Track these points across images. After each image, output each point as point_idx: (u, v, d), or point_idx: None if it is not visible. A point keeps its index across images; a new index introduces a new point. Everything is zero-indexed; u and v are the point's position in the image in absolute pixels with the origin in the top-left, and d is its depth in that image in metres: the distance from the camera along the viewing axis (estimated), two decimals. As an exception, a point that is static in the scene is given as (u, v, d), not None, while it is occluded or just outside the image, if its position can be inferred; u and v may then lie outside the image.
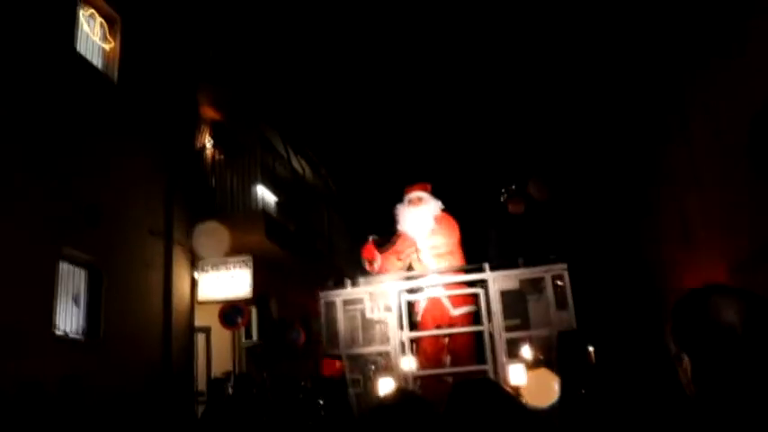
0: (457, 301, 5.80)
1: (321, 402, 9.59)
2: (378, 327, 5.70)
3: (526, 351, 5.34)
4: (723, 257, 13.33)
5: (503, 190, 6.80)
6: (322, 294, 5.60)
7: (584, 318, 5.49)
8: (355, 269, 16.16)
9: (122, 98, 10.21)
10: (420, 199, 6.23)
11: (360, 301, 5.49)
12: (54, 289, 8.62)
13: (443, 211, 6.29)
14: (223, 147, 12.61)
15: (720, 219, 13.77)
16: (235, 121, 13.07)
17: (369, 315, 5.44)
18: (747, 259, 11.94)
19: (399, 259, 6.21)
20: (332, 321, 5.41)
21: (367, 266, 6.22)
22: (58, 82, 8.84)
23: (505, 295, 5.25)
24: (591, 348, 10.15)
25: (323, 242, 14.50)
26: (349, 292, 5.53)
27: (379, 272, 6.12)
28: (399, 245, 6.22)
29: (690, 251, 16.29)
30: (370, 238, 6.38)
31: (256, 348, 11.33)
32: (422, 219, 6.14)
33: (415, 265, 6.24)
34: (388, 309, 5.47)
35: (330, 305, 5.47)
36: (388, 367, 5.42)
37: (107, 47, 10.34)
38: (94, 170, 9.39)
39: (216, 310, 10.62)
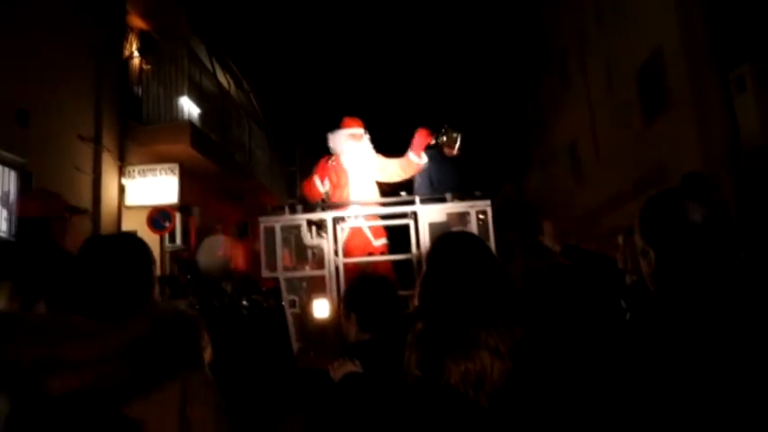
0: (378, 233, 5.99)
1: (245, 304, 9.78)
2: (309, 251, 5.89)
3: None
4: (608, 188, 14.39)
5: (442, 130, 6.80)
6: (262, 219, 5.59)
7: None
8: (273, 182, 16.24)
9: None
10: (361, 135, 6.26)
11: (296, 227, 5.61)
12: (-16, 189, 8.29)
13: (377, 152, 6.36)
14: (150, 57, 12.10)
15: (609, 157, 14.77)
16: (162, 31, 12.50)
17: (306, 241, 5.59)
18: (629, 189, 12.97)
19: (323, 185, 6.28)
20: (270, 246, 5.50)
21: (316, 184, 6.20)
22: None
23: (432, 226, 5.32)
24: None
25: (244, 155, 14.37)
26: (287, 218, 5.60)
27: (315, 195, 6.18)
28: (332, 172, 6.27)
29: (580, 185, 17.39)
30: (325, 162, 6.38)
31: (180, 253, 11.30)
32: (362, 154, 6.22)
33: (336, 193, 6.27)
34: (321, 236, 5.65)
35: (269, 230, 5.54)
36: (318, 288, 5.63)
37: (32, -55, 9.56)
38: (22, 72, 8.87)
39: (142, 215, 10.47)
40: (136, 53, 11.94)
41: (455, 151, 6.73)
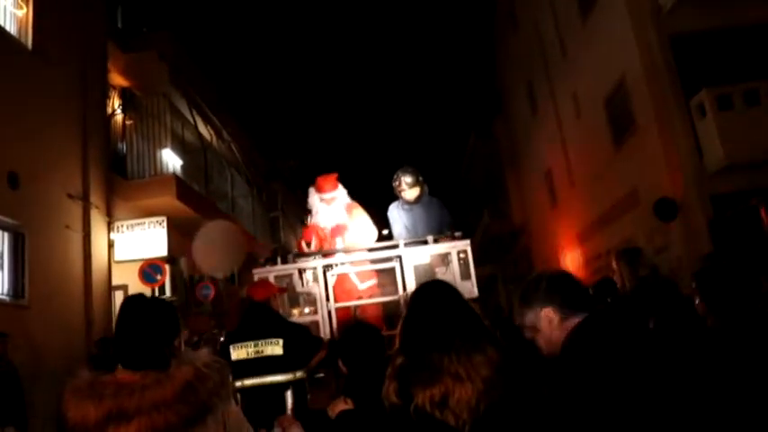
0: (364, 276, 6.17)
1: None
2: (301, 298, 6.13)
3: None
4: (584, 213, 14.78)
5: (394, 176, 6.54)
6: (256, 271, 5.83)
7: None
8: (257, 228, 16.45)
9: (37, 64, 9.87)
10: (333, 198, 6.43)
11: (289, 276, 5.86)
12: (-22, 252, 8.45)
13: (352, 200, 6.56)
14: (132, 113, 12.39)
15: (582, 183, 15.20)
16: (144, 88, 12.81)
17: (298, 289, 5.84)
18: (604, 215, 13.38)
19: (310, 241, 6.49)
20: (265, 294, 5.74)
21: (304, 248, 6.41)
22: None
23: (417, 268, 5.64)
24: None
25: (227, 203, 14.60)
26: (280, 268, 5.85)
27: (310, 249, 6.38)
28: (312, 233, 6.47)
29: (554, 210, 17.81)
30: (309, 223, 6.64)
31: (171, 303, 11.43)
32: (334, 215, 6.45)
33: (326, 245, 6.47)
34: (314, 282, 5.90)
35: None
36: (312, 332, 5.85)
37: (20, 13, 9.89)
38: (13, 136, 9.11)
39: (132, 269, 10.63)
40: (118, 110, 12.22)
41: (412, 196, 6.44)
